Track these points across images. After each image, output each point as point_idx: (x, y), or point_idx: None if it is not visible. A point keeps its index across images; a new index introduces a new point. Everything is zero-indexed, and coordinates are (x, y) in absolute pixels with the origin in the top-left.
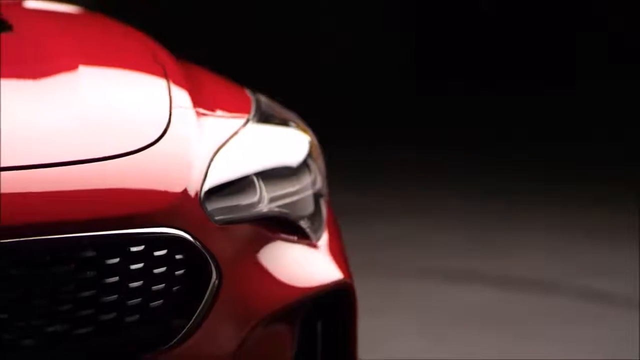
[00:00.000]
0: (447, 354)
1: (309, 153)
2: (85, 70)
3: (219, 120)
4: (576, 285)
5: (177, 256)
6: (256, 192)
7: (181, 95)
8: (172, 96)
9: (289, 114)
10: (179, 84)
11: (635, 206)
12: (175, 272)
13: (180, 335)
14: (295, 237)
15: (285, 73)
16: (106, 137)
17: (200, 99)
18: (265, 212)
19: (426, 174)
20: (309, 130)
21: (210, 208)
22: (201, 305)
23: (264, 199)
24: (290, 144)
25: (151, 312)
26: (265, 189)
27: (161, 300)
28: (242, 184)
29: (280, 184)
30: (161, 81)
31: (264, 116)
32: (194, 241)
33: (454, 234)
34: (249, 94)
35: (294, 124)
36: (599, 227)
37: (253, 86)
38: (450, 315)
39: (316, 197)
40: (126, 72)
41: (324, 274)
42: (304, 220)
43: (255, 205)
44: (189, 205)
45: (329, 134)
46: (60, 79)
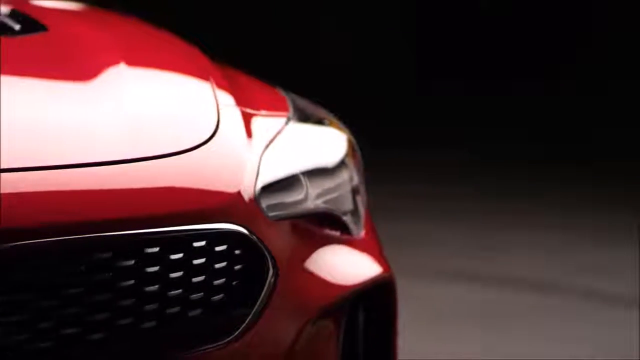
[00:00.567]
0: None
1: (347, 150)
2: (128, 70)
3: (262, 120)
4: (576, 285)
5: (236, 251)
6: (303, 189)
7: (225, 94)
8: (217, 95)
9: (322, 111)
10: (221, 83)
11: (636, 206)
12: (235, 267)
13: (239, 329)
14: (338, 233)
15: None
16: (159, 136)
17: (241, 99)
18: (312, 209)
19: (426, 173)
20: (343, 127)
21: (264, 204)
22: (259, 299)
23: (310, 195)
24: (329, 141)
25: (212, 307)
26: (310, 185)
27: (222, 295)
28: (290, 181)
29: (322, 180)
30: (204, 80)
31: (302, 115)
32: (252, 236)
33: (454, 233)
34: (282, 93)
35: (328, 122)
36: (599, 227)
37: None
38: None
39: (353, 193)
40: (169, 72)
41: (368, 268)
42: (347, 215)
43: (302, 201)
44: (246, 201)
45: None
46: (106, 79)
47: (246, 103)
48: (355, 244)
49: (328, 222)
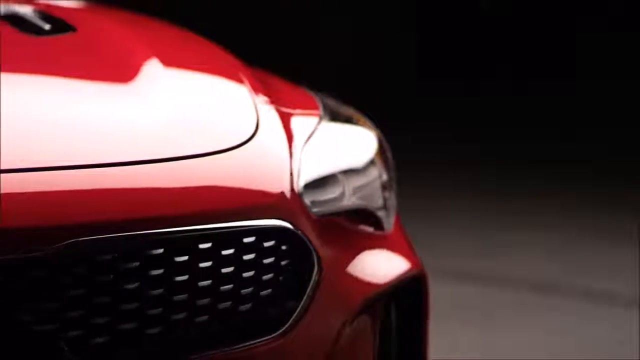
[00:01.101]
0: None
1: (377, 147)
2: (166, 71)
3: (297, 119)
4: (576, 285)
5: (283, 247)
6: (340, 186)
7: (261, 94)
8: (254, 95)
9: (349, 109)
10: (255, 84)
11: (635, 206)
12: (282, 262)
13: (286, 325)
14: (372, 229)
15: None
16: (206, 135)
17: (275, 98)
18: (350, 205)
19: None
20: (371, 124)
21: (307, 201)
22: (305, 294)
23: (346, 192)
24: (360, 139)
25: (261, 302)
26: (345, 183)
27: (270, 290)
28: (328, 178)
29: (356, 177)
30: (240, 80)
31: (332, 113)
32: (298, 232)
33: (453, 233)
34: (310, 92)
35: (357, 120)
36: (599, 227)
37: None
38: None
39: (383, 190)
40: (204, 73)
41: (402, 263)
42: (380, 211)
43: (340, 198)
44: (291, 198)
45: None
46: (145, 79)
47: (280, 103)
48: (388, 240)
49: (362, 219)
